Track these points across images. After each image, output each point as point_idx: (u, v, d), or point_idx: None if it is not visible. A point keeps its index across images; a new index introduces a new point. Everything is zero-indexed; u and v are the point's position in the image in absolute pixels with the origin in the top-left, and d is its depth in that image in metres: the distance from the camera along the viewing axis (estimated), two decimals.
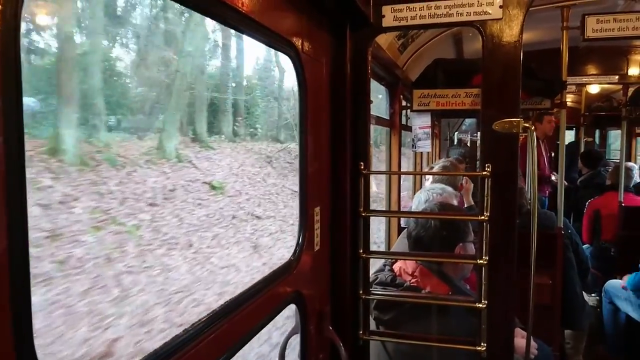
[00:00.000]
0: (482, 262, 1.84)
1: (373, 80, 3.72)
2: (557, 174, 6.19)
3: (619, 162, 5.70)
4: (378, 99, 4.81)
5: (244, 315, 1.36)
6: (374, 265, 2.44)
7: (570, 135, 10.49)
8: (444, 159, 5.77)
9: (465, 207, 3.83)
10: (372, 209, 2.07)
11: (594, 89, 7.52)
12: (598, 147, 10.42)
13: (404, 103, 4.55)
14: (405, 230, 3.40)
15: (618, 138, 9.01)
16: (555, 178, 6.38)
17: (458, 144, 10.59)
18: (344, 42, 1.94)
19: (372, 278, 2.24)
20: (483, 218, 1.83)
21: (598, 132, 10.63)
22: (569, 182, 6.82)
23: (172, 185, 12.67)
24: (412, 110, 4.21)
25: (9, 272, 0.66)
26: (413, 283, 2.18)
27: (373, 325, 2.15)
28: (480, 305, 1.85)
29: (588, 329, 4.38)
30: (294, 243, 1.75)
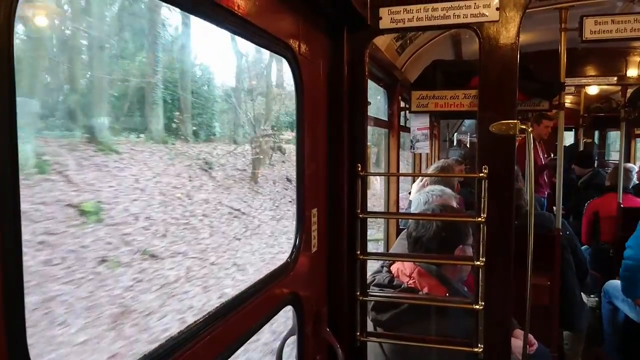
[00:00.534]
0: (479, 263, 1.84)
1: (371, 82, 3.73)
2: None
3: (618, 163, 5.70)
4: (377, 100, 4.81)
5: (241, 317, 1.36)
6: (372, 267, 2.45)
7: (570, 137, 10.51)
8: (443, 160, 5.78)
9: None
10: (369, 211, 2.07)
11: (593, 90, 7.53)
12: (597, 148, 10.44)
13: (403, 104, 4.56)
14: (404, 231, 3.40)
15: (617, 139, 9.01)
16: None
17: (457, 145, 10.59)
18: (341, 43, 1.94)
19: (369, 279, 2.24)
20: (480, 220, 1.83)
21: (597, 133, 10.63)
22: (568, 183, 6.82)
23: None
24: (410, 112, 4.22)
25: (3, 272, 0.66)
26: (411, 284, 2.18)
27: (370, 327, 2.15)
28: (478, 307, 1.85)
29: (586, 331, 4.37)
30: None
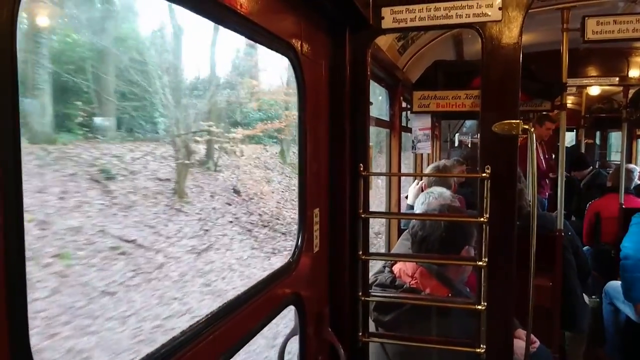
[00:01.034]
0: (481, 263, 1.84)
1: (373, 82, 3.73)
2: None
3: (620, 163, 5.69)
4: (378, 101, 4.81)
5: (243, 317, 1.36)
6: (374, 267, 2.44)
7: (571, 138, 10.50)
8: (443, 160, 5.77)
9: None
10: (371, 211, 2.07)
11: (595, 91, 7.51)
12: (599, 149, 10.43)
13: (404, 104, 4.55)
14: (406, 232, 3.40)
15: (619, 140, 9.00)
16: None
17: (459, 146, 10.59)
18: (344, 43, 1.94)
19: (371, 279, 2.23)
20: (483, 220, 1.83)
21: (599, 134, 10.62)
22: (570, 183, 6.82)
23: None
24: (412, 112, 4.22)
25: (5, 273, 0.66)
26: (413, 285, 2.18)
27: (372, 327, 2.15)
28: (480, 307, 1.85)
29: (588, 331, 4.36)
30: None
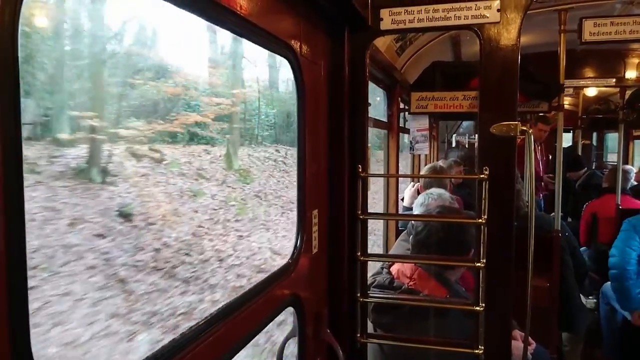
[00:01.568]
0: (479, 265, 1.84)
1: (371, 83, 3.73)
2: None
3: (616, 164, 5.71)
4: (376, 102, 4.81)
5: (242, 318, 1.36)
6: (372, 268, 2.44)
7: (568, 139, 10.53)
8: (441, 161, 5.78)
9: None
10: (370, 212, 2.07)
11: (592, 92, 7.55)
12: (595, 149, 10.46)
13: (402, 105, 4.56)
14: (404, 233, 3.40)
15: (615, 141, 9.04)
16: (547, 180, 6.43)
17: (456, 147, 10.60)
18: (342, 44, 1.94)
19: (370, 281, 2.24)
20: (481, 221, 1.84)
21: (595, 134, 10.65)
22: (566, 184, 6.85)
23: None
24: (410, 113, 4.23)
25: (7, 273, 0.66)
26: (411, 286, 2.18)
27: (370, 328, 2.15)
28: (478, 309, 1.85)
29: (585, 332, 4.37)
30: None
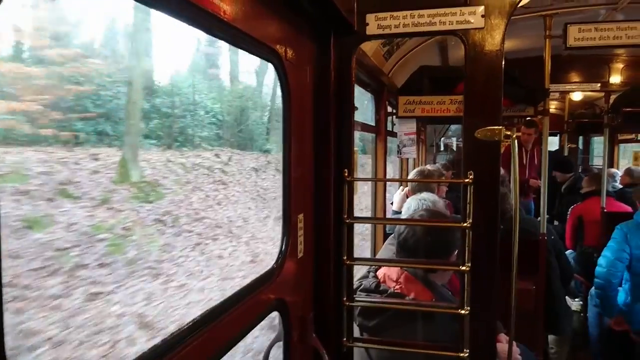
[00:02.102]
0: (464, 268, 1.85)
1: (358, 87, 3.74)
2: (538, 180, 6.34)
3: (602, 168, 5.78)
4: (364, 105, 4.83)
5: (226, 324, 1.35)
6: (359, 272, 2.45)
7: (555, 142, 10.64)
8: (429, 166, 5.81)
9: None
10: (356, 216, 2.07)
11: (577, 97, 7.65)
12: (581, 153, 10.57)
13: (390, 109, 4.58)
14: (391, 237, 3.40)
15: (601, 144, 9.15)
16: (534, 184, 6.50)
17: (445, 150, 10.66)
18: (328, 49, 1.95)
19: (356, 285, 2.24)
20: (466, 225, 1.85)
21: (581, 138, 10.77)
22: (552, 188, 6.92)
23: None
24: (397, 117, 4.24)
25: None
26: (397, 289, 2.18)
27: (357, 332, 2.15)
28: (463, 312, 1.86)
29: (571, 334, 4.41)
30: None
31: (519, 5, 1.81)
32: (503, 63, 1.78)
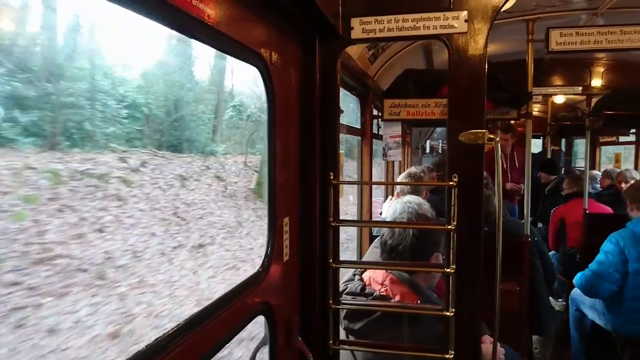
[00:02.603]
0: (449, 270, 1.87)
1: (344, 90, 3.75)
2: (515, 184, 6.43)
3: (584, 170, 5.86)
4: (349, 108, 4.84)
5: (210, 329, 1.35)
6: (345, 275, 2.45)
7: (539, 145, 10.77)
8: (414, 168, 5.84)
9: None
10: (342, 219, 2.08)
11: (560, 100, 7.75)
12: (564, 155, 10.71)
13: (375, 112, 4.60)
14: (377, 239, 3.41)
15: (583, 147, 9.31)
16: (512, 187, 6.56)
17: (430, 152, 10.71)
18: (313, 53, 1.96)
19: (342, 288, 2.24)
20: (450, 227, 1.86)
21: (564, 141, 10.91)
22: (536, 190, 6.98)
23: None
24: (383, 120, 4.27)
25: None
26: (382, 292, 2.19)
27: (343, 335, 2.15)
28: (448, 314, 1.88)
29: (555, 334, 4.46)
30: None
31: (502, 10, 1.83)
32: (486, 67, 1.81)
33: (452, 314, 1.87)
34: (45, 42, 10.85)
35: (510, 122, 6.17)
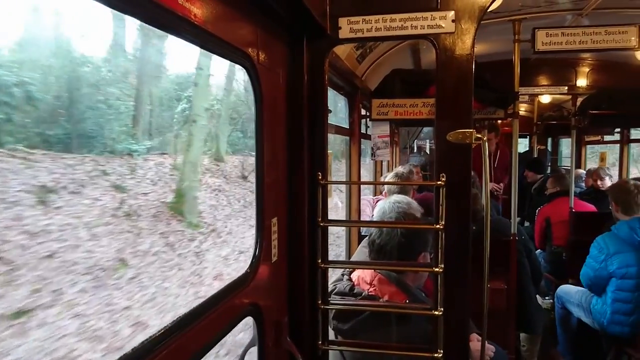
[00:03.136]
0: (438, 270, 1.88)
1: (332, 90, 3.75)
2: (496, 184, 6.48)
3: (570, 168, 5.92)
4: (337, 108, 4.84)
5: (198, 330, 1.34)
6: (334, 275, 2.45)
7: (525, 144, 10.87)
8: (400, 167, 5.86)
9: None
10: (330, 219, 2.08)
11: (546, 99, 7.82)
12: (550, 154, 10.81)
13: (364, 112, 4.60)
14: (366, 239, 3.42)
15: (569, 146, 9.40)
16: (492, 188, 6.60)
17: (417, 152, 10.76)
18: (301, 52, 1.95)
19: (330, 288, 2.24)
20: (438, 227, 1.87)
21: (550, 140, 11.02)
22: (523, 189, 7.02)
23: None
24: (371, 120, 4.27)
25: None
26: (371, 292, 2.19)
27: (332, 335, 2.15)
28: (437, 313, 1.88)
29: (542, 332, 4.50)
30: None
31: (489, 10, 1.84)
32: (473, 67, 1.81)
33: (440, 313, 1.88)
34: None
35: (494, 121, 6.21)
